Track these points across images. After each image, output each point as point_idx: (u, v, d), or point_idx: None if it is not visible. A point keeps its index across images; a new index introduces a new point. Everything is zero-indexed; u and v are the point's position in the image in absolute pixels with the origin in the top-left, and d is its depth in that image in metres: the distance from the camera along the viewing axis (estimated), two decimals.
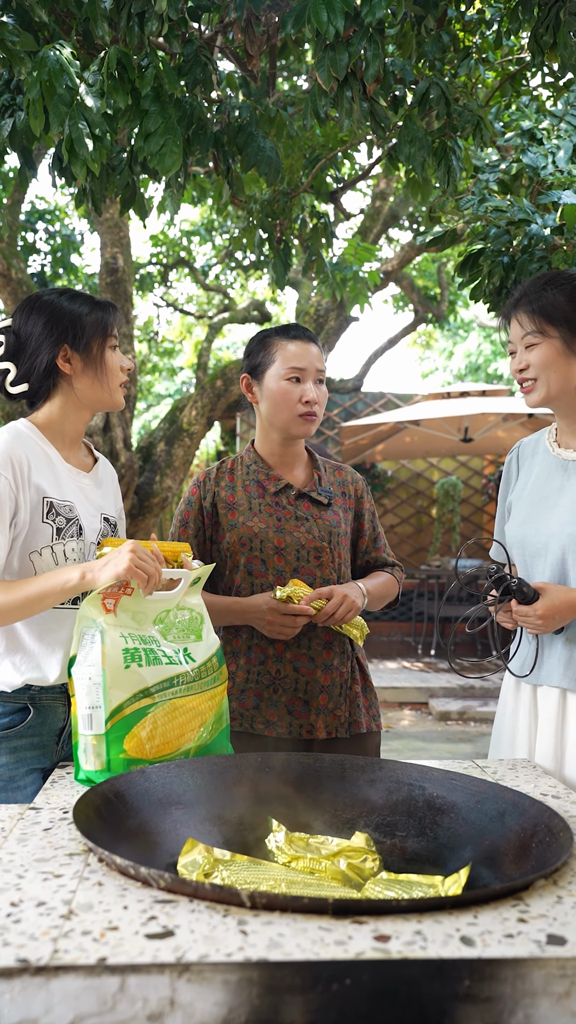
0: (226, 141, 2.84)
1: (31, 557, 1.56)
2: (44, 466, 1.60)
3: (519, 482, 1.79)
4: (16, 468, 1.53)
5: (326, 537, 1.92)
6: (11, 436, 1.58)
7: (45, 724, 1.60)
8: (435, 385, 18.72)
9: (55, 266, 9.32)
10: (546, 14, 2.37)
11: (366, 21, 2.17)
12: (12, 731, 1.56)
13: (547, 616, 1.53)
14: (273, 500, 1.94)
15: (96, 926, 0.83)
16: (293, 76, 5.54)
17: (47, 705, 1.60)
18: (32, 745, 1.58)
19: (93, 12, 2.32)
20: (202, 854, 1.09)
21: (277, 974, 0.75)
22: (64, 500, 1.60)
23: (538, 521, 1.66)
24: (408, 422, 8.29)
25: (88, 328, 1.63)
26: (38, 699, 1.59)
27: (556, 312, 1.61)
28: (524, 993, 0.77)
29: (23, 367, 1.64)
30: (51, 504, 1.57)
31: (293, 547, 1.89)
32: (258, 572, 1.88)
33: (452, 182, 2.79)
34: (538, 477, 1.72)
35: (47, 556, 1.56)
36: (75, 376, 1.64)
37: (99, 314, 1.66)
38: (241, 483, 1.96)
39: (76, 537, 1.60)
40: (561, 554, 1.58)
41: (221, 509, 1.93)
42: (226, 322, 10.30)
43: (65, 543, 1.58)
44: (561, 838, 1.03)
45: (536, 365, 1.63)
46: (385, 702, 6.76)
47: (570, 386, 1.63)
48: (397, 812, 1.25)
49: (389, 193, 7.68)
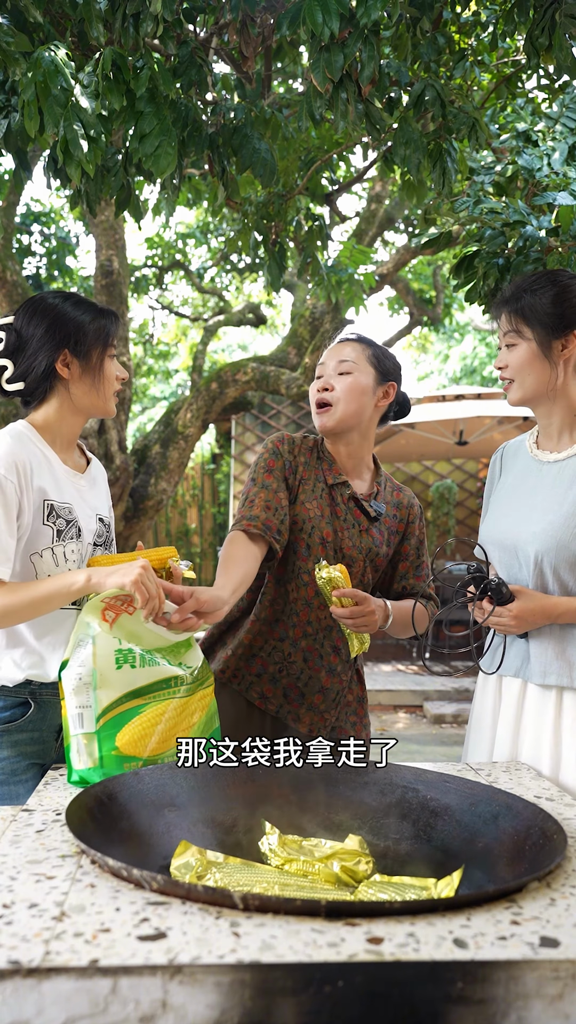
0: (221, 143, 2.84)
1: (32, 559, 1.57)
2: (44, 468, 1.61)
3: (500, 482, 1.81)
4: (20, 471, 1.53)
5: (364, 550, 1.91)
6: (13, 438, 1.58)
7: (45, 720, 1.62)
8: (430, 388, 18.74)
9: (50, 268, 9.31)
10: (541, 16, 2.38)
11: (361, 23, 2.17)
12: (13, 725, 1.58)
13: (520, 618, 1.56)
14: (330, 491, 1.92)
15: (88, 928, 0.83)
16: (288, 78, 5.55)
17: (47, 701, 1.62)
18: (32, 740, 1.60)
19: (88, 13, 2.31)
20: (195, 856, 1.08)
21: (269, 976, 0.75)
22: (64, 502, 1.61)
23: (509, 520, 1.68)
24: (403, 425, 8.30)
25: (90, 335, 1.65)
26: (38, 694, 1.60)
27: (533, 314, 1.63)
28: (517, 995, 0.77)
29: (21, 366, 1.64)
30: (52, 506, 1.58)
31: (334, 545, 1.88)
32: (301, 555, 1.86)
33: (447, 184, 2.79)
34: (515, 478, 1.74)
35: (48, 558, 1.57)
36: (72, 381, 1.65)
37: (102, 322, 1.67)
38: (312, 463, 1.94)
39: (76, 539, 1.62)
40: (536, 557, 1.59)
41: (297, 479, 1.91)
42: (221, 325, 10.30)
43: (65, 545, 1.59)
44: (554, 840, 1.03)
45: (513, 366, 1.66)
46: (380, 705, 6.75)
47: (545, 388, 1.65)
48: (391, 814, 1.25)
49: (384, 196, 7.69)
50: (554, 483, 1.64)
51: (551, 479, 1.65)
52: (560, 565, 1.57)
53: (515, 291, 1.67)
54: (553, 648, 1.60)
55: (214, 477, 12.17)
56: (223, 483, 11.98)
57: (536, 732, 1.61)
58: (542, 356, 1.63)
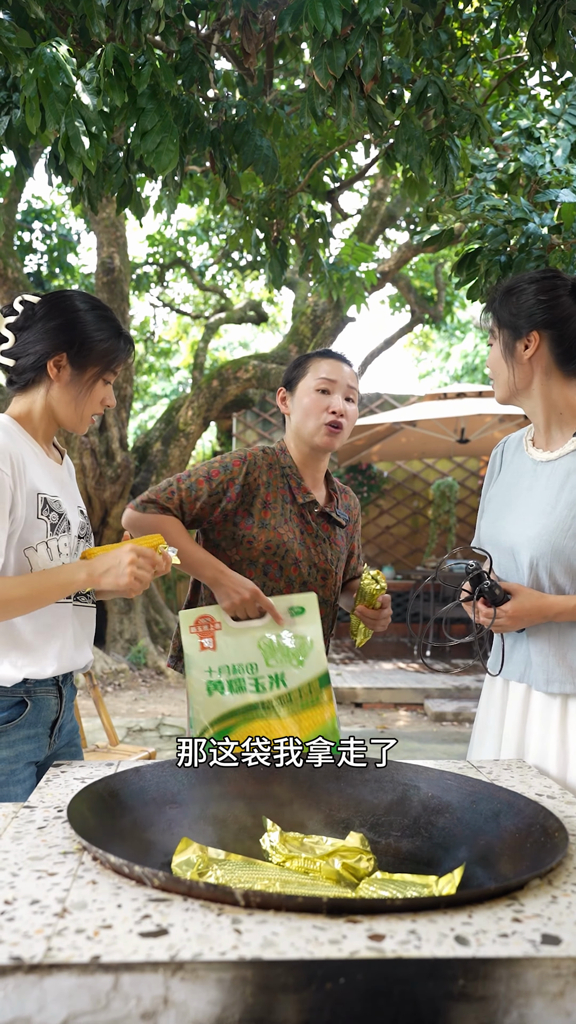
0: (223, 140, 2.84)
1: (26, 553, 1.56)
2: (34, 461, 1.60)
3: (498, 478, 1.81)
4: (14, 464, 1.53)
5: (334, 561, 2.02)
6: (4, 431, 1.57)
7: (40, 717, 1.62)
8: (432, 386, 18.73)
9: (51, 266, 9.31)
10: (544, 12, 2.37)
11: (364, 19, 2.17)
12: (10, 725, 1.57)
13: (515, 617, 1.56)
14: (299, 511, 1.99)
15: (90, 924, 0.83)
16: (290, 74, 5.54)
17: (41, 698, 1.62)
18: (28, 738, 1.60)
19: (90, 9, 2.31)
20: (196, 853, 1.08)
21: (271, 973, 0.75)
22: (54, 495, 1.61)
23: (505, 521, 1.68)
24: (404, 423, 8.30)
25: (95, 351, 1.63)
26: (34, 692, 1.60)
27: (500, 316, 1.66)
28: (518, 993, 0.77)
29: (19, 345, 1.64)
30: (44, 500, 1.58)
31: (307, 563, 1.97)
32: (273, 576, 1.94)
33: (449, 181, 2.79)
34: (512, 476, 1.74)
35: (43, 552, 1.57)
36: (58, 385, 1.63)
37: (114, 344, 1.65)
38: (276, 483, 1.99)
39: (66, 532, 1.62)
40: (531, 561, 1.59)
41: (257, 502, 1.95)
42: (222, 322, 10.30)
43: (59, 538, 1.59)
44: (556, 838, 1.03)
45: (489, 365, 1.72)
46: (381, 703, 6.76)
47: (514, 387, 1.67)
48: (392, 812, 1.25)
49: (386, 193, 7.68)
50: (547, 484, 1.64)
51: (545, 479, 1.65)
52: (555, 568, 1.57)
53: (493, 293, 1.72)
54: (554, 654, 1.59)
55: None
56: None
57: (542, 737, 1.60)
58: (507, 356, 1.66)
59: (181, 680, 7.58)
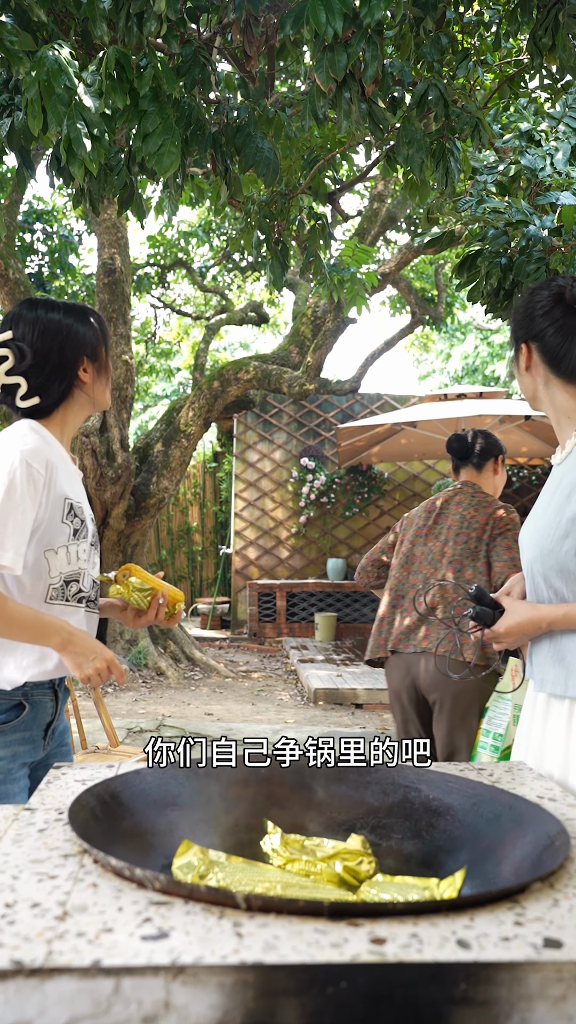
0: (224, 142, 2.84)
1: (46, 555, 1.60)
2: (63, 467, 1.65)
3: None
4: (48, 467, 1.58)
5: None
6: (38, 436, 1.62)
7: (36, 719, 1.64)
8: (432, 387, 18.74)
9: (53, 267, 9.31)
10: (545, 16, 2.37)
11: (365, 22, 2.17)
12: (7, 726, 1.59)
13: (511, 634, 1.57)
14: None
15: (91, 928, 0.82)
16: (291, 77, 5.55)
17: (38, 700, 1.64)
18: (24, 740, 1.63)
19: (92, 12, 2.31)
20: (197, 856, 1.08)
21: (272, 977, 0.75)
22: (79, 501, 1.66)
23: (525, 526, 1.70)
24: (405, 424, 8.29)
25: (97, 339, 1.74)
26: (31, 695, 1.63)
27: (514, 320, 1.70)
28: (520, 997, 0.77)
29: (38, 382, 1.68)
30: (71, 505, 1.63)
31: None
32: None
33: (450, 183, 2.79)
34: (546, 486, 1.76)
35: (62, 555, 1.61)
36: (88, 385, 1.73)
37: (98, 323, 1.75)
38: None
39: (85, 538, 1.66)
40: (528, 564, 1.59)
41: None
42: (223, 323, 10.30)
43: (79, 544, 1.64)
44: (558, 841, 1.03)
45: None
46: (381, 704, 6.75)
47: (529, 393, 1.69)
48: (393, 814, 1.25)
49: (387, 195, 7.68)
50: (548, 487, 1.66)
51: (552, 484, 1.66)
52: (549, 573, 1.56)
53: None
54: (551, 656, 1.59)
55: (216, 475, 12.17)
56: (225, 481, 11.98)
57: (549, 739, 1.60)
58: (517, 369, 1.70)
59: (181, 681, 7.58)
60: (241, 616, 10.65)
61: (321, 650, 8.99)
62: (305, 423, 10.80)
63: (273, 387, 8.19)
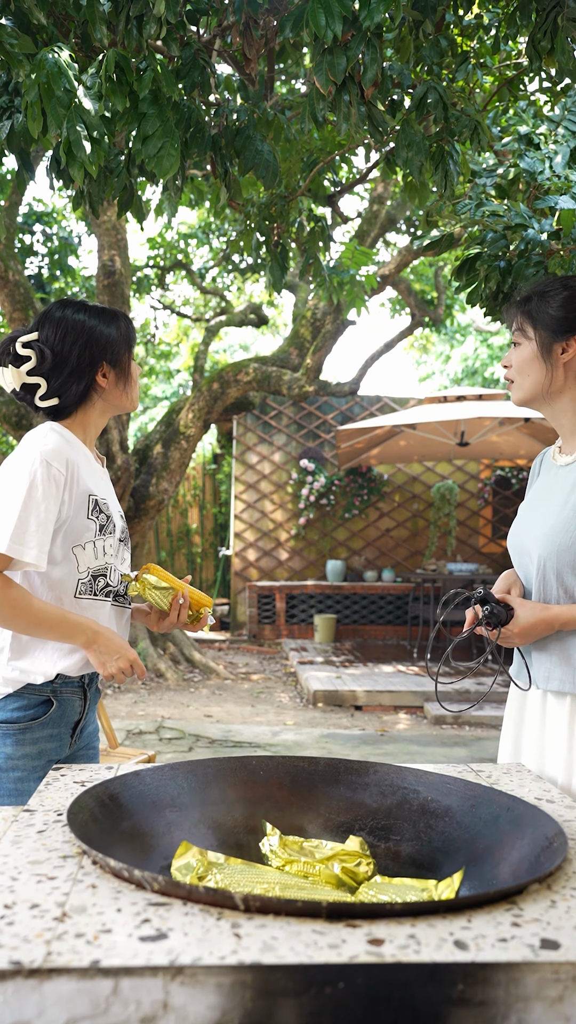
0: (224, 144, 2.84)
1: (74, 551, 1.64)
2: (86, 465, 1.69)
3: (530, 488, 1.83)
4: (69, 467, 1.61)
5: None
6: (60, 436, 1.65)
7: (64, 716, 1.67)
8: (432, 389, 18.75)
9: (52, 268, 9.32)
10: (544, 19, 2.38)
11: (364, 25, 2.17)
12: (36, 723, 1.62)
13: (524, 634, 1.58)
14: None
15: (89, 928, 0.83)
16: (291, 79, 5.56)
17: (67, 698, 1.67)
18: (52, 737, 1.65)
19: (91, 15, 2.32)
20: (196, 857, 1.09)
21: (270, 977, 0.75)
22: (103, 498, 1.70)
23: (523, 524, 1.71)
24: (404, 426, 8.30)
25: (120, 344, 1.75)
26: (60, 692, 1.65)
27: (541, 316, 1.65)
28: (518, 998, 0.77)
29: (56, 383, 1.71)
30: (95, 501, 1.67)
31: None
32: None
33: (449, 186, 2.79)
34: (540, 483, 1.77)
35: (89, 550, 1.65)
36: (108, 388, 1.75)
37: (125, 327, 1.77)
38: None
39: (112, 533, 1.70)
40: (539, 561, 1.60)
41: None
42: (223, 325, 10.31)
43: (106, 539, 1.68)
44: (555, 842, 1.03)
45: (515, 365, 1.69)
46: (381, 706, 6.76)
47: (541, 390, 1.66)
48: (391, 816, 1.25)
49: (386, 197, 7.69)
50: (562, 486, 1.66)
51: (561, 482, 1.67)
52: (563, 569, 1.58)
53: (528, 292, 1.70)
54: (558, 654, 1.60)
55: (215, 477, 12.17)
56: (224, 483, 11.98)
57: (551, 739, 1.61)
58: (541, 358, 1.65)
59: (180, 683, 7.58)
60: (240, 618, 10.65)
61: (320, 652, 8.99)
62: (305, 425, 10.81)
63: (273, 389, 8.20)
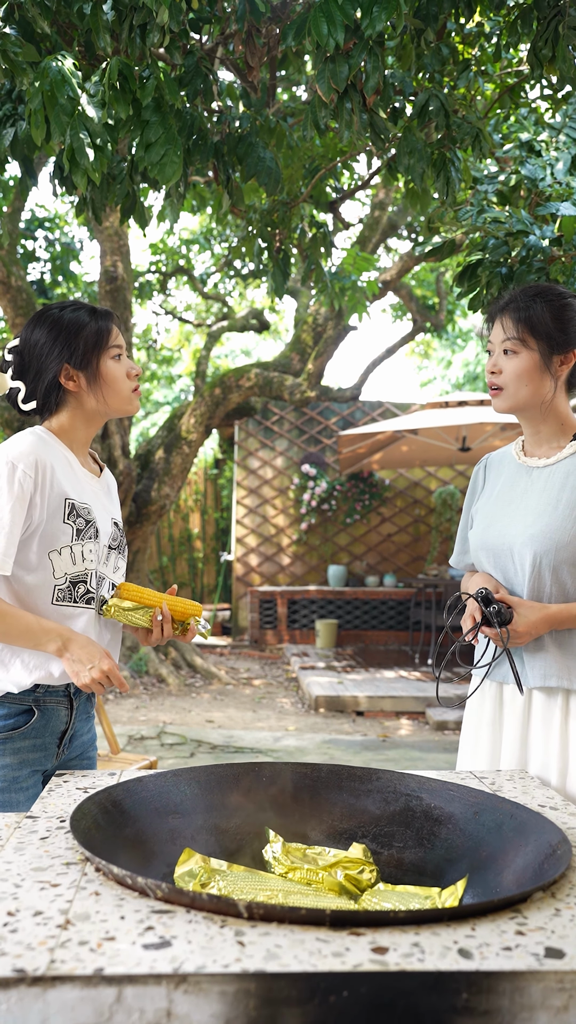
0: (226, 151, 2.86)
1: (50, 556, 1.60)
2: (66, 469, 1.65)
3: (484, 492, 1.83)
4: (39, 469, 1.58)
5: None
6: (35, 439, 1.62)
7: (48, 726, 1.63)
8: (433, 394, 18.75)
9: (54, 274, 9.34)
10: (545, 28, 2.39)
11: (366, 34, 2.18)
12: (16, 732, 1.58)
13: (528, 633, 1.59)
14: None
15: (93, 936, 0.83)
16: (293, 87, 5.57)
17: (50, 708, 1.63)
18: (35, 747, 1.61)
19: (95, 24, 2.33)
20: (199, 864, 1.09)
21: (274, 986, 0.75)
22: (83, 502, 1.66)
23: (500, 524, 1.71)
24: (406, 431, 8.30)
25: (84, 343, 1.65)
26: (42, 701, 1.62)
27: (540, 325, 1.64)
28: (522, 1007, 0.77)
29: (30, 385, 1.68)
30: (72, 505, 1.63)
31: None
32: None
33: (451, 193, 2.80)
34: (503, 485, 1.77)
35: (66, 555, 1.62)
36: (81, 392, 1.68)
37: (94, 326, 1.67)
38: None
39: (94, 539, 1.66)
40: (534, 559, 1.61)
41: None
42: (225, 330, 10.32)
43: (84, 544, 1.63)
44: (559, 850, 1.03)
45: (510, 374, 1.67)
46: (382, 711, 6.75)
47: (537, 400, 1.68)
48: (394, 823, 1.25)
49: (388, 203, 7.71)
50: (545, 487, 1.67)
51: (542, 483, 1.68)
52: (560, 566, 1.61)
53: (521, 299, 1.68)
54: (556, 651, 1.62)
55: (217, 482, 12.17)
56: (226, 488, 11.98)
57: (544, 738, 1.62)
58: (543, 368, 1.65)
59: (182, 688, 7.57)
60: (242, 623, 10.65)
61: (322, 657, 8.98)
62: (306, 430, 10.82)
63: (274, 394, 8.20)
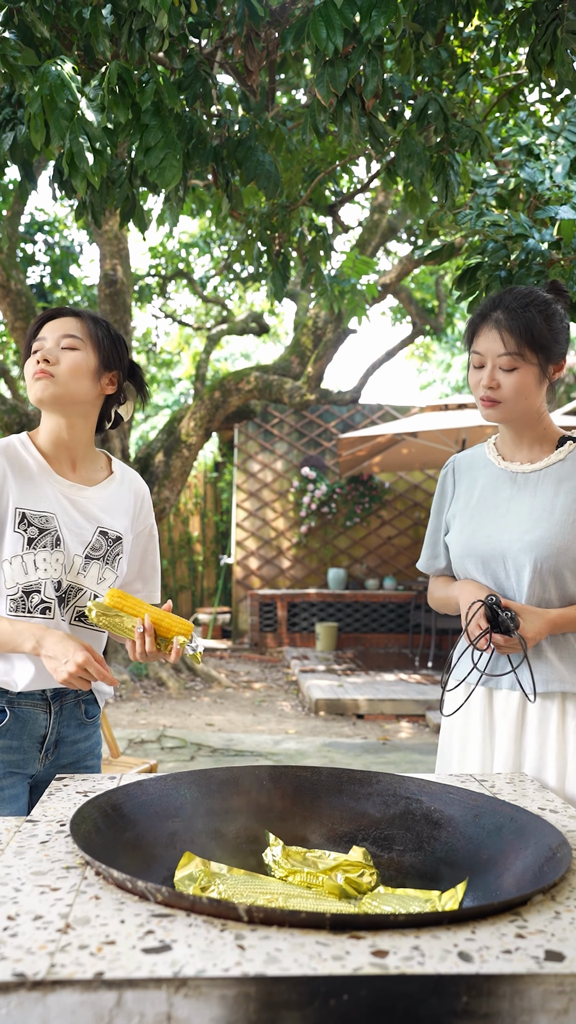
0: (225, 155, 2.86)
1: (2, 566, 1.58)
2: (23, 477, 1.62)
3: (457, 496, 1.80)
4: None
5: None
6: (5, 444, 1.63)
7: (25, 729, 1.62)
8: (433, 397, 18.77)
9: (54, 277, 9.35)
10: (543, 31, 2.40)
11: (365, 38, 2.19)
12: None
13: (534, 639, 1.59)
14: None
15: (93, 940, 0.83)
16: (292, 90, 5.58)
17: (26, 711, 1.62)
18: (10, 748, 1.61)
19: (94, 28, 2.34)
20: (199, 868, 1.09)
21: (274, 989, 0.75)
22: (40, 511, 1.62)
23: (487, 530, 1.69)
24: (406, 434, 8.31)
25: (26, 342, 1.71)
26: (16, 703, 1.61)
27: (538, 337, 1.60)
28: (522, 1010, 0.77)
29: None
30: (23, 514, 1.60)
31: None
32: None
33: (450, 196, 2.81)
34: (484, 489, 1.74)
35: (17, 565, 1.59)
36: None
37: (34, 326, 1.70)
38: None
39: (51, 548, 1.61)
40: (535, 565, 1.61)
41: None
42: (224, 334, 10.34)
43: (36, 553, 1.60)
44: (559, 853, 1.03)
45: (510, 389, 1.62)
46: (383, 714, 6.74)
47: (533, 409, 1.67)
48: (394, 826, 1.25)
49: (387, 206, 7.72)
50: (535, 492, 1.67)
51: (531, 489, 1.68)
52: (562, 569, 1.61)
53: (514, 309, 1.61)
54: (558, 656, 1.62)
55: (217, 486, 12.18)
56: (226, 491, 11.98)
57: (539, 741, 1.62)
58: (540, 381, 1.64)
59: (182, 691, 7.57)
60: (242, 626, 10.64)
61: (322, 660, 8.98)
62: (306, 433, 10.82)
63: (274, 397, 8.21)
